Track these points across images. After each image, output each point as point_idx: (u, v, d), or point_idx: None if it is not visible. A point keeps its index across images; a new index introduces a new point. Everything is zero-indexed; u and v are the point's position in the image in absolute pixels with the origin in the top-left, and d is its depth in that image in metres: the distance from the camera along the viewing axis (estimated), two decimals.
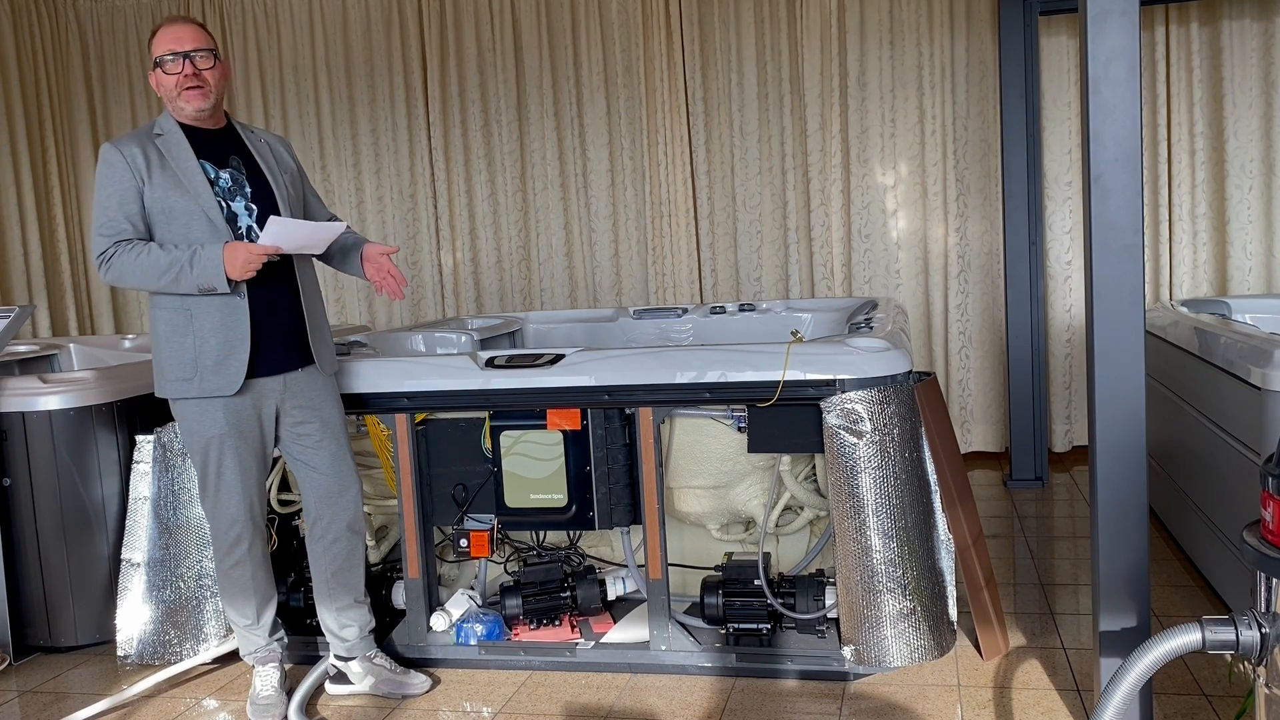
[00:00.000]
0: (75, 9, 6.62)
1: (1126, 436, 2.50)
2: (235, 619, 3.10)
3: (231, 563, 3.02)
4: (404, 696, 3.14)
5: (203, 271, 2.76)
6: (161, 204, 2.81)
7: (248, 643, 3.11)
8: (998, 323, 5.68)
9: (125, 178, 2.80)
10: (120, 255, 2.78)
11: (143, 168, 2.80)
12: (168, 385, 2.89)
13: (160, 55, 2.83)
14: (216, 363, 2.83)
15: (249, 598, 3.06)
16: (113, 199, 2.80)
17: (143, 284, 2.80)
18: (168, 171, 2.81)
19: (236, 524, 2.98)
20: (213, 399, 2.85)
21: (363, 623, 3.17)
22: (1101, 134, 2.44)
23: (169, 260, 2.76)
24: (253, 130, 3.04)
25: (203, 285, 2.77)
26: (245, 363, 2.84)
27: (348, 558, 3.12)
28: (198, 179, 2.82)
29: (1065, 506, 4.84)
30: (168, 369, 2.87)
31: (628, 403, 3.13)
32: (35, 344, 4.67)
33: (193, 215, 2.81)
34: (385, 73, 6.30)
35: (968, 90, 5.59)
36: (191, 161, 2.83)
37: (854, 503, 2.91)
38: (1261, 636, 1.84)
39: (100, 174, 2.82)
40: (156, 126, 2.89)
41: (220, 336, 2.83)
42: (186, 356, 2.84)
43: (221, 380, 2.84)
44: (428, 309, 6.43)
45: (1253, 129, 5.29)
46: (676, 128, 5.89)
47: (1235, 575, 3.33)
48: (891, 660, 2.94)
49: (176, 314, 2.84)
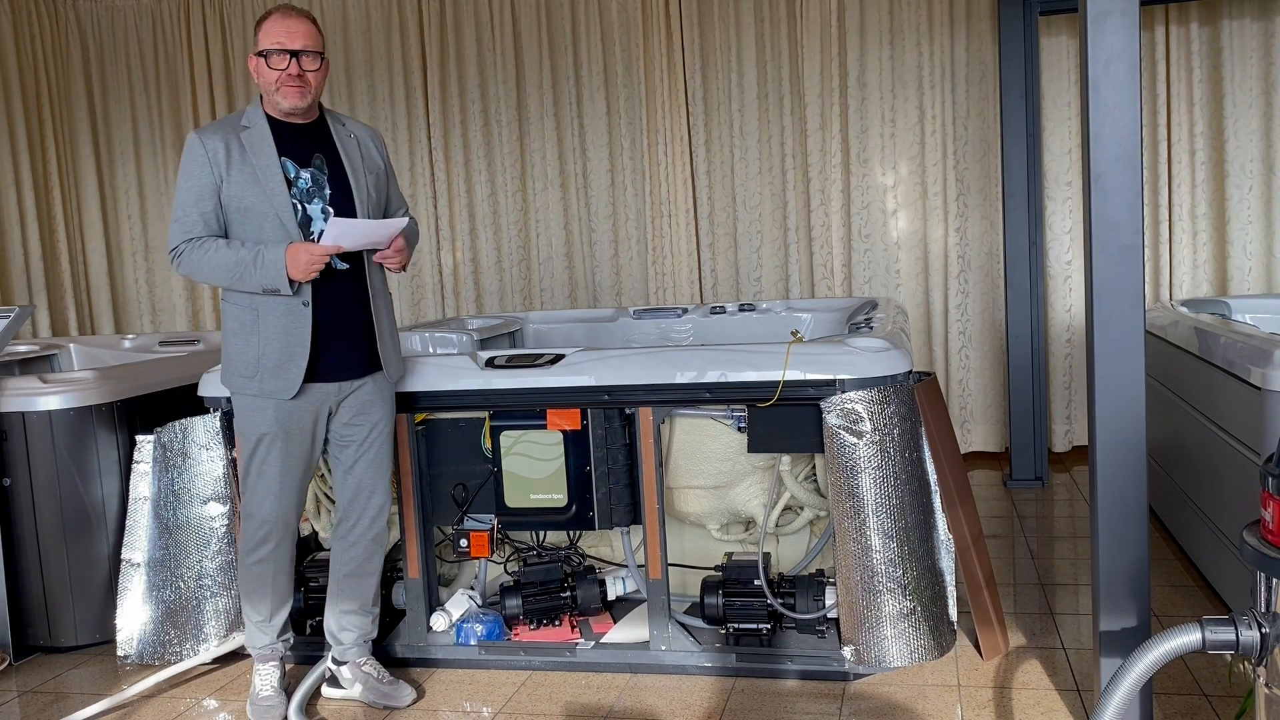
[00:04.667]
0: (75, 9, 6.62)
1: (1126, 436, 2.50)
2: (248, 612, 3.08)
3: (256, 559, 3.00)
4: (387, 708, 3.07)
5: (265, 273, 2.72)
6: (238, 202, 2.76)
7: (254, 638, 3.10)
8: (998, 323, 5.68)
9: (204, 171, 2.74)
10: (189, 252, 2.76)
11: (222, 163, 2.74)
12: (231, 379, 2.88)
13: (268, 47, 2.73)
14: (276, 366, 2.81)
15: (265, 596, 3.04)
16: (190, 193, 2.76)
17: (212, 281, 2.79)
18: (247, 168, 2.75)
19: (267, 523, 2.96)
20: (264, 399, 2.84)
21: (362, 630, 3.13)
22: (1101, 134, 2.44)
23: (235, 259, 2.73)
24: (344, 123, 2.94)
25: (266, 286, 2.74)
26: (303, 370, 2.81)
27: (363, 564, 3.09)
28: (275, 180, 2.75)
29: (1065, 506, 4.84)
30: (234, 364, 2.86)
31: (628, 403, 3.13)
32: (35, 344, 4.67)
33: (266, 216, 2.76)
34: (385, 73, 6.30)
35: (968, 90, 5.59)
36: (272, 160, 2.76)
37: (854, 503, 2.91)
38: (1261, 636, 1.84)
39: (183, 164, 2.78)
40: (245, 118, 2.81)
41: (282, 341, 2.80)
42: (250, 355, 2.82)
43: (279, 384, 2.82)
44: (428, 309, 6.43)
45: (1253, 129, 5.29)
46: (676, 128, 5.89)
47: (1235, 575, 3.33)
48: (891, 660, 2.94)
49: (245, 311, 2.82)
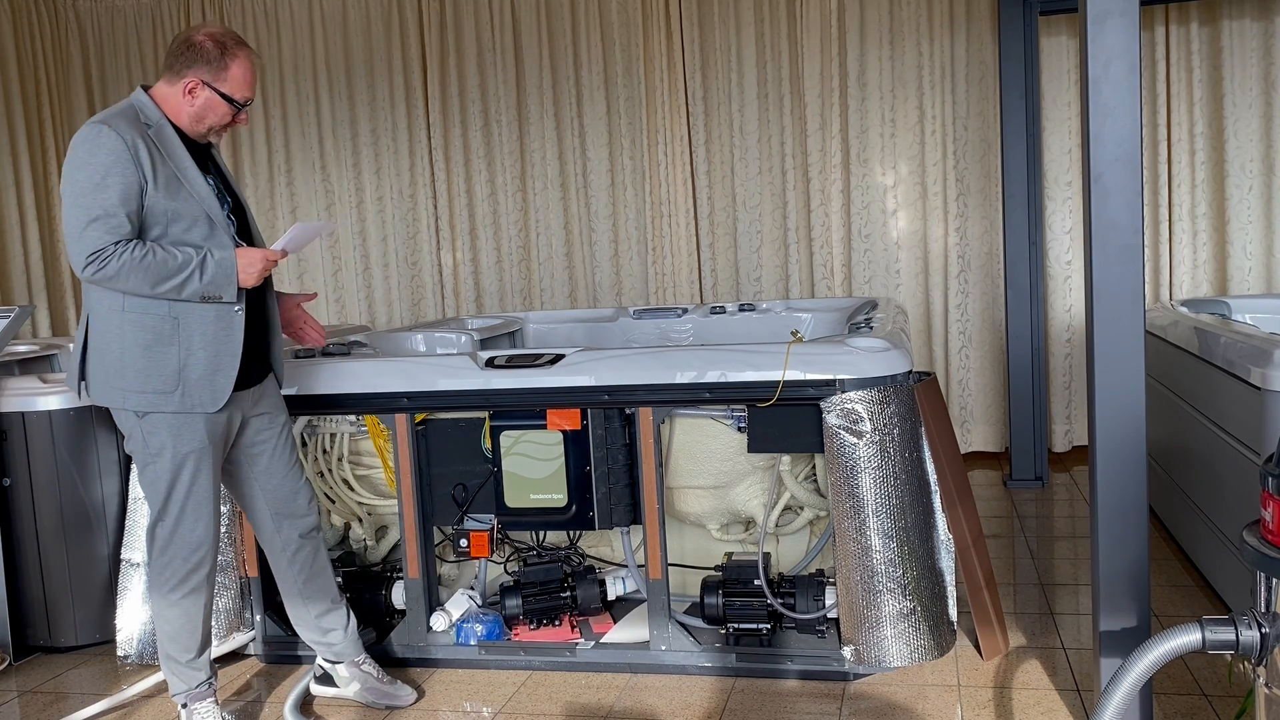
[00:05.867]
0: (75, 9, 6.62)
1: (1126, 436, 2.50)
2: (174, 654, 2.79)
3: (188, 590, 2.74)
4: (389, 708, 3.06)
5: (214, 279, 2.55)
6: (164, 205, 2.53)
7: (184, 680, 2.83)
8: (998, 323, 5.68)
9: (129, 170, 2.48)
10: (120, 256, 2.46)
11: (146, 162, 2.50)
12: (139, 397, 2.60)
13: (240, 97, 2.62)
14: (204, 376, 2.62)
15: (196, 629, 2.79)
16: (115, 190, 2.46)
17: (138, 288, 2.51)
18: (167, 169, 2.55)
19: (202, 547, 2.73)
20: (193, 414, 2.64)
21: (344, 624, 3.05)
22: (1101, 134, 2.44)
23: (177, 265, 2.51)
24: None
25: (209, 293, 2.56)
26: (233, 378, 2.65)
27: (314, 562, 2.98)
28: (198, 180, 2.59)
29: (1065, 506, 4.84)
30: (140, 380, 2.59)
31: (628, 403, 3.13)
32: (35, 344, 4.67)
33: (196, 218, 2.58)
34: (385, 73, 6.30)
35: (968, 90, 5.59)
36: (188, 161, 2.59)
37: (854, 503, 2.91)
38: (1261, 636, 1.84)
39: (96, 157, 2.46)
40: (142, 114, 2.57)
41: (211, 349, 2.62)
42: (169, 368, 2.59)
43: (207, 395, 2.63)
44: (428, 309, 6.43)
45: (1253, 129, 5.29)
46: (676, 128, 5.89)
47: (1235, 575, 3.33)
48: (891, 660, 2.94)
49: (162, 322, 2.57)
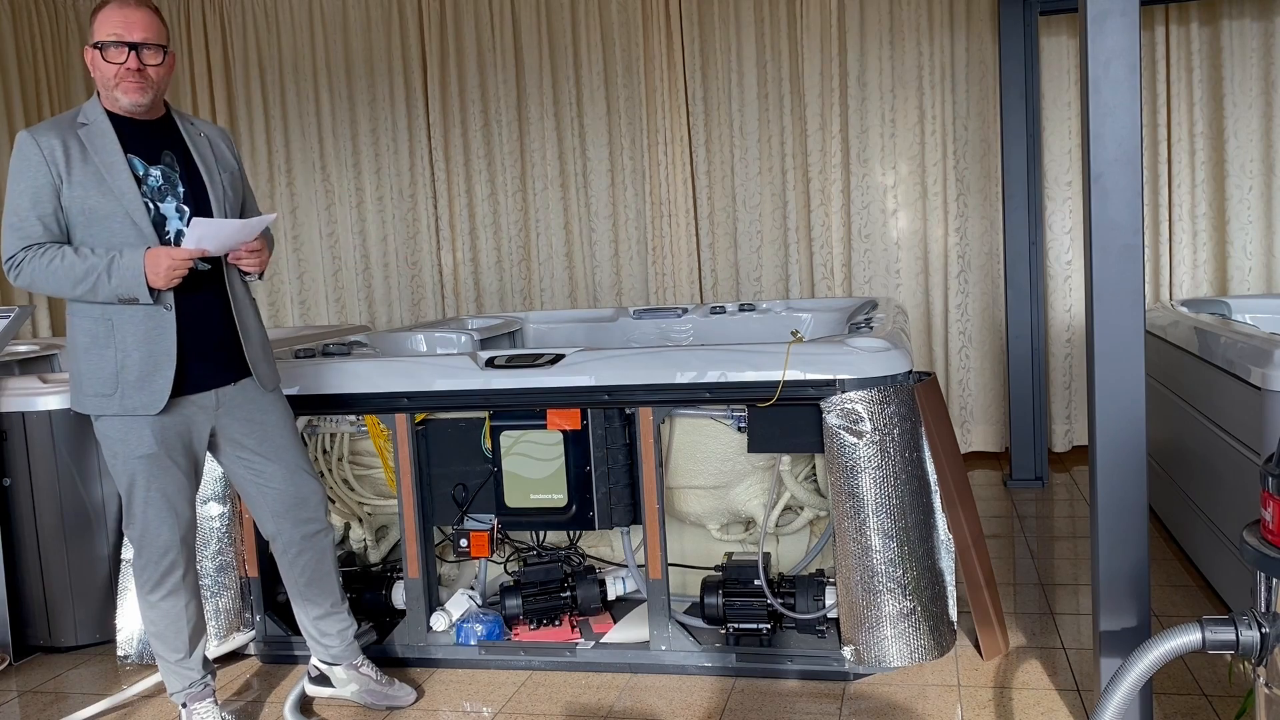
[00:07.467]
0: (75, 9, 6.61)
1: (1126, 436, 2.50)
2: (164, 654, 2.83)
3: (164, 593, 2.76)
4: (389, 709, 3.05)
5: (122, 281, 2.50)
6: (81, 204, 2.52)
7: (178, 679, 2.85)
8: (998, 323, 5.68)
9: (40, 173, 2.51)
10: (30, 261, 2.52)
11: (61, 162, 2.51)
12: (86, 400, 2.62)
13: (104, 39, 2.52)
14: (139, 379, 2.58)
15: (182, 629, 2.81)
16: (25, 196, 2.51)
17: (58, 292, 2.53)
18: (90, 167, 2.52)
19: (170, 552, 2.73)
20: (138, 417, 2.61)
21: (343, 627, 3.04)
22: (1101, 134, 2.44)
23: (84, 268, 2.50)
24: (193, 122, 2.75)
25: (123, 295, 2.52)
26: (170, 380, 2.59)
27: (317, 565, 2.96)
28: (123, 177, 2.54)
29: (1065, 506, 4.84)
30: (85, 383, 2.61)
31: (628, 403, 3.13)
32: (35, 344, 4.66)
33: (115, 217, 2.53)
34: (385, 73, 6.30)
35: (968, 90, 5.59)
36: (117, 157, 2.54)
37: (854, 503, 2.91)
38: (1261, 636, 1.84)
39: (14, 165, 2.53)
40: (82, 114, 2.58)
41: (144, 351, 2.57)
42: (107, 371, 2.58)
43: (145, 398, 2.59)
44: (428, 309, 6.43)
45: (1253, 129, 5.29)
46: (676, 128, 5.89)
47: (1235, 575, 3.33)
48: (891, 660, 2.94)
49: (97, 324, 2.58)
